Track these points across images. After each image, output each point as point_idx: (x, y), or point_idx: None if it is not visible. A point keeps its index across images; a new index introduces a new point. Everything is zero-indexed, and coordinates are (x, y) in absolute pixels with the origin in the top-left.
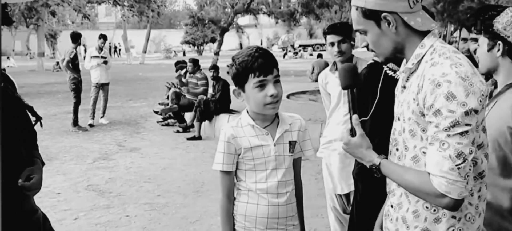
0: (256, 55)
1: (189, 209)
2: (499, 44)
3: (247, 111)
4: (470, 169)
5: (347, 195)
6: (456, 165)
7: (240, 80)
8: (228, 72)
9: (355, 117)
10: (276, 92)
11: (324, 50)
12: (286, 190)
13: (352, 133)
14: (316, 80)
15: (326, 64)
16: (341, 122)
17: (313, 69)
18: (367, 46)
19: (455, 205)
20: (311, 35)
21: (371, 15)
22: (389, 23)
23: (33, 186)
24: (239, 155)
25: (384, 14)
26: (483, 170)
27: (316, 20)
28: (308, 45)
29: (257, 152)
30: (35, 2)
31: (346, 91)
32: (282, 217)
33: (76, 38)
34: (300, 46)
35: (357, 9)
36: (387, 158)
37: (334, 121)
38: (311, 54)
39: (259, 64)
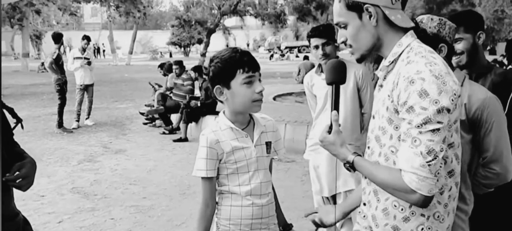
0: (241, 52)
1: (174, 212)
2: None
3: (224, 114)
4: (440, 167)
5: (334, 197)
6: (427, 162)
7: (226, 77)
8: (206, 73)
9: (334, 113)
10: (263, 89)
11: (310, 52)
12: (268, 190)
13: (330, 129)
14: (302, 82)
15: (313, 66)
16: (328, 123)
17: (299, 71)
18: (344, 42)
19: (424, 202)
20: (297, 37)
21: (353, 6)
22: (370, 16)
23: (22, 181)
24: (220, 160)
25: (366, 5)
26: (452, 169)
27: (314, 21)
28: (294, 47)
29: (239, 154)
30: (20, 1)
31: (328, 92)
32: (265, 217)
33: (58, 38)
34: (286, 48)
35: (340, 1)
36: (361, 156)
37: (320, 123)
38: (297, 56)
39: (247, 60)
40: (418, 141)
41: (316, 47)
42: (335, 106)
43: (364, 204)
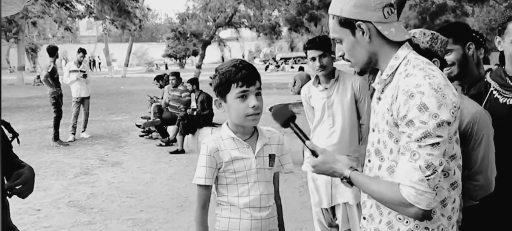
0: (239, 66)
1: (172, 225)
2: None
3: (227, 124)
4: (439, 181)
5: (333, 209)
6: (426, 176)
7: (223, 90)
8: (210, 84)
9: (308, 142)
10: (257, 104)
11: (305, 63)
12: (269, 204)
13: (314, 154)
14: (298, 93)
15: (308, 77)
16: (326, 135)
17: (295, 82)
18: (342, 56)
19: (423, 215)
20: (292, 48)
21: (346, 23)
22: (363, 32)
23: (22, 187)
24: (219, 168)
25: (358, 22)
26: (455, 181)
27: (306, 33)
28: (289, 58)
29: (239, 164)
30: (16, 14)
31: (326, 104)
32: None
33: (53, 51)
34: (281, 59)
35: (333, 18)
36: (357, 170)
37: (319, 134)
38: (292, 67)
39: (242, 75)
40: (417, 154)
41: (313, 59)
42: (305, 138)
43: (364, 218)
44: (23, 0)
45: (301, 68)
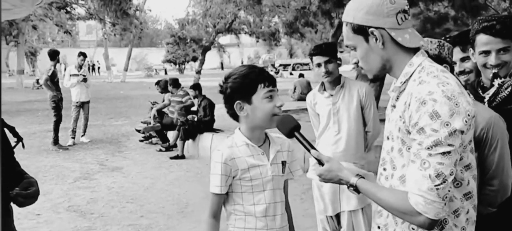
0: (260, 68)
1: None
2: None
3: (240, 130)
4: (449, 190)
5: (338, 216)
6: (435, 185)
7: (247, 92)
8: (221, 90)
9: (313, 151)
10: (283, 103)
11: (305, 70)
12: (282, 211)
13: (320, 163)
14: (298, 99)
15: (308, 84)
16: (331, 142)
17: (295, 88)
18: (357, 63)
19: (430, 225)
20: (291, 54)
21: (359, 30)
22: (376, 39)
23: (30, 195)
24: (234, 176)
25: (371, 29)
26: (470, 191)
27: (301, 38)
28: (288, 65)
29: (255, 172)
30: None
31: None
32: None
33: (54, 55)
34: (280, 65)
35: (346, 25)
36: (363, 178)
37: (324, 141)
38: (291, 73)
39: (268, 75)
40: (427, 163)
41: (319, 65)
42: (311, 147)
43: (378, 228)
44: (32, 3)
45: (301, 75)
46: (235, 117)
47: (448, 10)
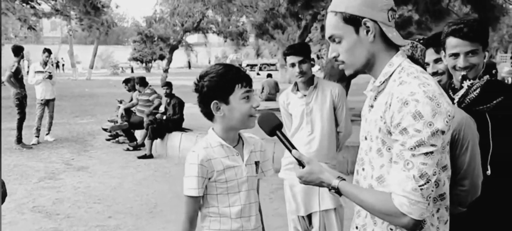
0: (237, 68)
1: None
2: None
3: (214, 130)
4: (432, 190)
5: (309, 216)
6: (419, 186)
7: (224, 92)
8: (196, 89)
9: (294, 151)
10: (259, 104)
11: (272, 70)
12: (256, 212)
13: (300, 165)
14: (266, 100)
15: (276, 84)
16: (304, 142)
17: (263, 88)
18: (336, 57)
19: (414, 225)
20: (258, 55)
21: (351, 20)
22: (368, 31)
23: None
24: (210, 178)
25: (365, 20)
26: (444, 192)
27: (272, 40)
28: (255, 65)
29: (230, 173)
30: None
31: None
32: None
33: (18, 51)
34: (247, 65)
35: (336, 14)
36: (345, 180)
37: (297, 141)
38: (258, 74)
39: (245, 75)
40: (410, 164)
41: (293, 65)
42: (291, 146)
43: (356, 228)
44: None
45: (269, 75)
46: (210, 116)
47: (412, 14)
